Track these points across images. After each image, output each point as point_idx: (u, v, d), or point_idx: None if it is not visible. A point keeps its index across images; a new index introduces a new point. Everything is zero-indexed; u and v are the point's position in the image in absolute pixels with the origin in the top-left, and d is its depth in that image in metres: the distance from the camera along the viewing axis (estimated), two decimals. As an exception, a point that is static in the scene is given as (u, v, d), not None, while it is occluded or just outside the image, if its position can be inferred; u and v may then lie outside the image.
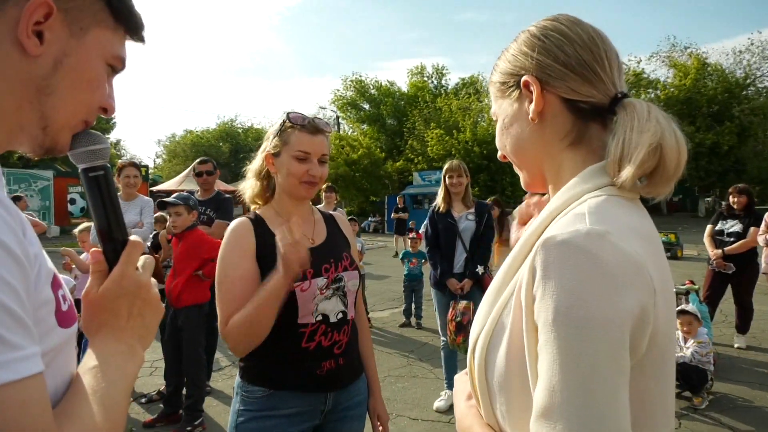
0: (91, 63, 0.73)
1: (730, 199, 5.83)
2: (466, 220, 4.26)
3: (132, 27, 0.78)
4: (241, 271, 1.61)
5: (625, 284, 0.65)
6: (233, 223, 1.71)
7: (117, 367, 0.72)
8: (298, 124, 1.67)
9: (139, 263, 0.80)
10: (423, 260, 7.07)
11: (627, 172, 0.74)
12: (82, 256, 4.76)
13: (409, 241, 7.68)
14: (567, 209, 0.77)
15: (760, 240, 5.52)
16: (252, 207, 1.84)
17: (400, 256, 7.68)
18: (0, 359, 0.54)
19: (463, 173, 4.23)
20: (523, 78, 0.85)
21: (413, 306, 7.09)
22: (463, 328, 3.96)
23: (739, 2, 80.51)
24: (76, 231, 4.84)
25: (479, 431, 0.83)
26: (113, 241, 0.78)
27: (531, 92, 0.84)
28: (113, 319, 0.75)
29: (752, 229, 5.54)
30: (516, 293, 0.75)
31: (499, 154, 0.97)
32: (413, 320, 7.09)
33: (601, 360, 0.63)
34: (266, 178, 1.78)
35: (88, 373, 0.69)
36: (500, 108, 0.92)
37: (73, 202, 21.62)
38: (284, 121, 1.69)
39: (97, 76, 0.74)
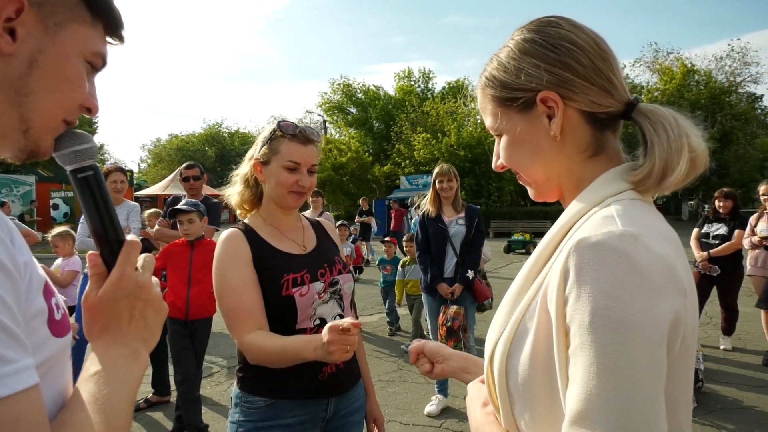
0: (69, 60, 0.69)
1: (716, 203, 5.90)
2: (456, 225, 4.26)
3: (111, 23, 0.75)
4: (242, 279, 1.60)
5: (660, 287, 0.65)
6: (224, 234, 1.69)
7: (120, 372, 0.69)
8: (288, 134, 1.66)
9: (139, 263, 0.77)
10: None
11: (670, 182, 0.75)
12: (57, 262, 4.68)
13: (384, 246, 7.52)
14: (589, 213, 0.76)
15: (745, 243, 5.59)
16: (238, 212, 1.82)
17: (377, 262, 7.48)
18: None
19: (453, 177, 4.23)
20: (541, 94, 0.80)
21: (392, 311, 6.96)
22: (454, 333, 3.96)
23: (721, 8, 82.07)
24: (49, 236, 4.78)
25: None
26: (109, 242, 0.75)
27: (549, 108, 0.81)
28: (114, 323, 0.72)
29: (737, 231, 5.62)
30: (542, 297, 0.73)
31: (497, 164, 0.94)
32: (389, 328, 6.98)
33: (640, 363, 0.62)
34: (254, 185, 1.76)
35: (90, 380, 0.67)
36: (507, 123, 0.86)
37: (56, 207, 21.28)
38: (275, 129, 1.67)
39: (76, 74, 0.71)
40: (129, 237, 0.77)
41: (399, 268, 6.39)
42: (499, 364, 0.78)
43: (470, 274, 4.16)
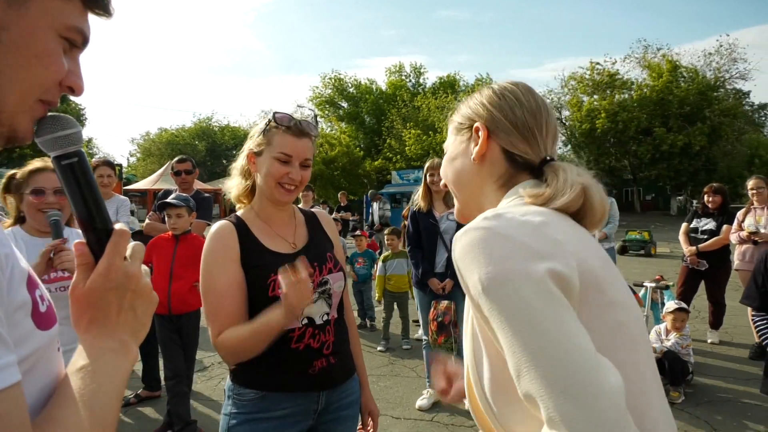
0: (38, 35, 0.63)
1: (705, 198, 5.96)
2: (447, 220, 4.25)
3: None
4: (228, 279, 1.58)
5: (530, 244, 0.76)
6: (215, 227, 1.67)
7: (108, 366, 0.67)
8: (283, 125, 1.63)
9: (127, 252, 0.74)
10: (373, 260, 6.89)
11: (559, 202, 0.88)
12: None
13: (354, 240, 7.38)
14: None
15: (733, 238, 5.65)
16: (237, 206, 1.80)
17: (349, 256, 7.15)
18: None
19: (445, 171, 4.22)
20: (476, 124, 1.01)
21: (363, 307, 6.86)
22: (444, 327, 3.96)
23: (714, 4, 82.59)
24: None
25: None
26: (96, 231, 0.72)
27: (479, 137, 1.00)
28: (103, 315, 0.69)
29: (725, 226, 5.68)
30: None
31: (441, 183, 1.06)
32: (367, 321, 6.93)
33: (541, 311, 0.69)
34: (251, 177, 1.75)
35: (77, 374, 0.64)
36: (452, 143, 1.09)
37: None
38: (269, 121, 1.65)
39: (47, 50, 0.65)
40: (117, 226, 0.74)
41: (380, 262, 6.21)
42: (472, 371, 0.86)
43: None
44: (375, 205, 12.73)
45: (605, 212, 0.92)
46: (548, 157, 0.99)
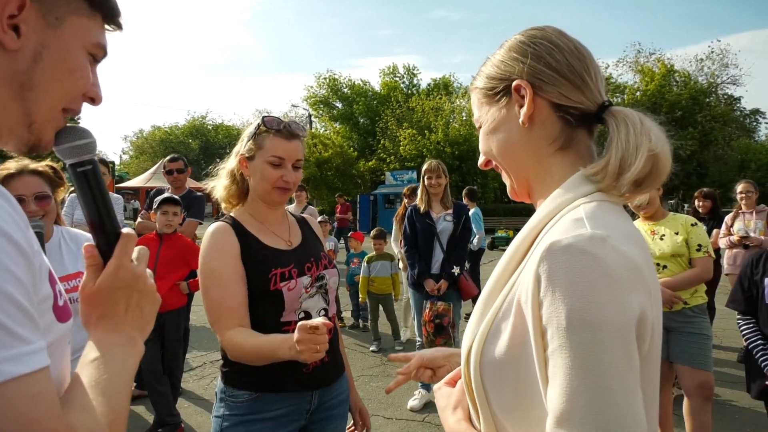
0: (72, 53, 0.71)
1: (696, 202, 6.01)
2: (443, 221, 4.28)
3: (108, 13, 0.77)
4: (230, 274, 1.60)
5: (629, 287, 0.67)
6: (211, 228, 1.69)
7: (117, 359, 0.72)
8: (273, 129, 1.66)
9: (134, 255, 0.80)
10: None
11: (627, 179, 0.77)
12: None
13: (349, 242, 7.43)
14: (559, 214, 0.79)
15: (722, 242, 5.70)
16: (223, 206, 1.82)
17: (346, 257, 7.37)
18: (12, 353, 0.54)
19: (442, 174, 4.26)
20: (515, 82, 0.85)
21: (358, 307, 6.91)
22: (443, 329, 3.97)
23: (707, 9, 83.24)
24: None
25: None
26: (106, 234, 0.78)
27: (522, 97, 0.85)
28: (111, 312, 0.75)
29: (714, 231, 5.73)
30: (517, 299, 0.75)
31: (481, 160, 0.97)
32: (360, 322, 6.98)
33: (617, 361, 0.64)
34: (241, 180, 1.77)
35: (90, 366, 0.70)
36: (486, 113, 0.92)
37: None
38: (259, 125, 1.68)
39: (79, 65, 0.73)
40: (125, 230, 0.79)
41: (364, 263, 6.20)
42: (474, 365, 0.80)
43: (455, 270, 4.18)
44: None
45: (666, 173, 0.81)
46: (606, 102, 0.86)
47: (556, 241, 0.69)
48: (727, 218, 5.78)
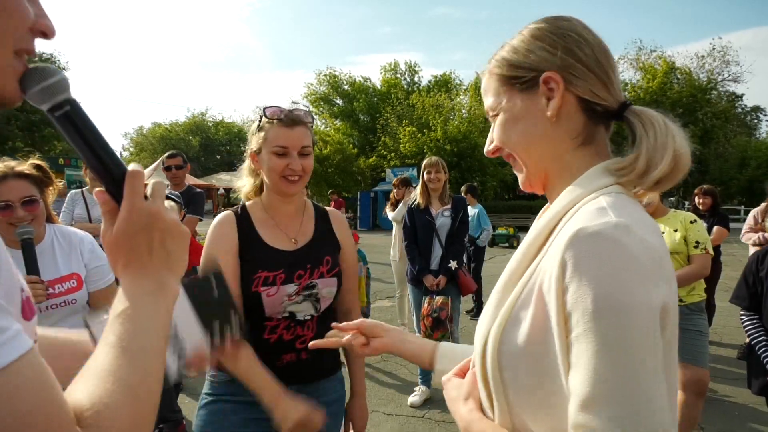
0: None
1: (696, 199, 5.99)
2: (442, 217, 4.29)
3: None
4: (229, 270, 1.61)
5: (653, 274, 0.69)
6: (218, 217, 1.69)
7: (147, 308, 0.67)
8: (275, 119, 1.64)
9: (147, 191, 0.73)
10: (363, 260, 6.86)
11: (652, 177, 0.79)
12: None
13: None
14: (579, 204, 0.79)
15: (750, 239, 5.54)
16: (246, 202, 1.83)
17: None
18: None
19: (441, 169, 4.25)
20: (545, 74, 0.84)
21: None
22: (441, 323, 3.97)
23: (709, 7, 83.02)
24: None
25: None
26: (111, 175, 0.71)
27: (550, 90, 0.84)
28: (135, 258, 0.70)
29: (716, 228, 5.71)
30: (537, 286, 0.76)
31: (490, 148, 0.95)
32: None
33: (642, 346, 0.65)
34: (257, 177, 1.77)
35: (116, 320, 0.65)
36: (506, 102, 0.88)
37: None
38: (261, 117, 1.66)
39: None
40: (130, 167, 0.72)
41: None
42: (492, 354, 0.80)
43: (453, 264, 4.17)
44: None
45: (686, 171, 0.81)
46: (627, 101, 0.86)
47: (583, 228, 0.70)
48: (757, 212, 5.63)
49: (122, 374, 0.60)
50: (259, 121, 1.67)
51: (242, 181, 1.81)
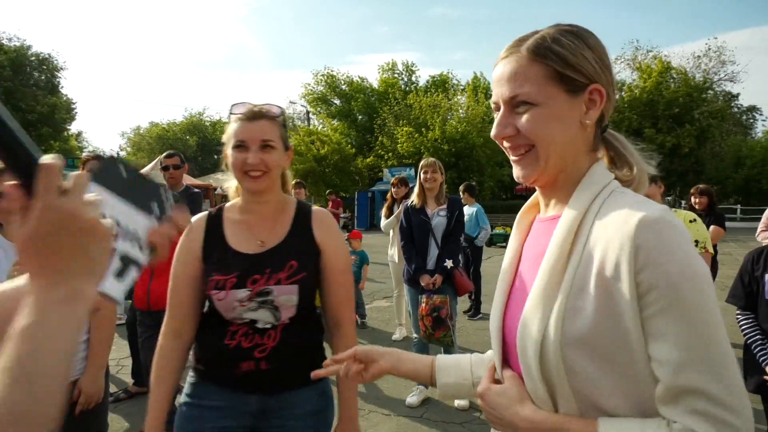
0: None
1: (692, 199, 6.01)
2: (437, 217, 4.30)
3: None
4: (186, 274, 1.65)
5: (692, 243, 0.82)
6: (192, 219, 1.67)
7: (51, 321, 0.58)
8: (237, 113, 1.62)
9: (67, 184, 0.62)
10: (362, 260, 6.77)
11: (644, 180, 0.98)
12: None
13: (350, 243, 7.44)
14: (600, 196, 0.90)
15: (761, 238, 5.44)
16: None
17: None
18: None
19: (437, 169, 4.26)
20: (595, 85, 0.91)
21: (357, 305, 6.83)
22: (442, 322, 3.97)
23: (702, 6, 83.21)
24: None
25: (576, 426, 0.84)
26: (22, 168, 0.61)
27: (593, 101, 0.92)
28: (49, 262, 0.60)
29: (712, 227, 5.71)
30: (595, 275, 0.82)
31: (506, 131, 0.93)
32: (358, 319, 6.94)
33: (718, 315, 0.76)
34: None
35: (17, 338, 0.56)
36: (549, 97, 0.89)
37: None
38: (229, 114, 1.66)
39: None
40: (45, 158, 0.62)
41: None
42: (555, 345, 0.83)
43: (448, 263, 4.18)
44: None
45: None
46: (606, 123, 0.98)
47: (647, 216, 0.78)
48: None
49: (15, 400, 0.53)
50: (228, 118, 1.67)
51: (229, 182, 1.80)
